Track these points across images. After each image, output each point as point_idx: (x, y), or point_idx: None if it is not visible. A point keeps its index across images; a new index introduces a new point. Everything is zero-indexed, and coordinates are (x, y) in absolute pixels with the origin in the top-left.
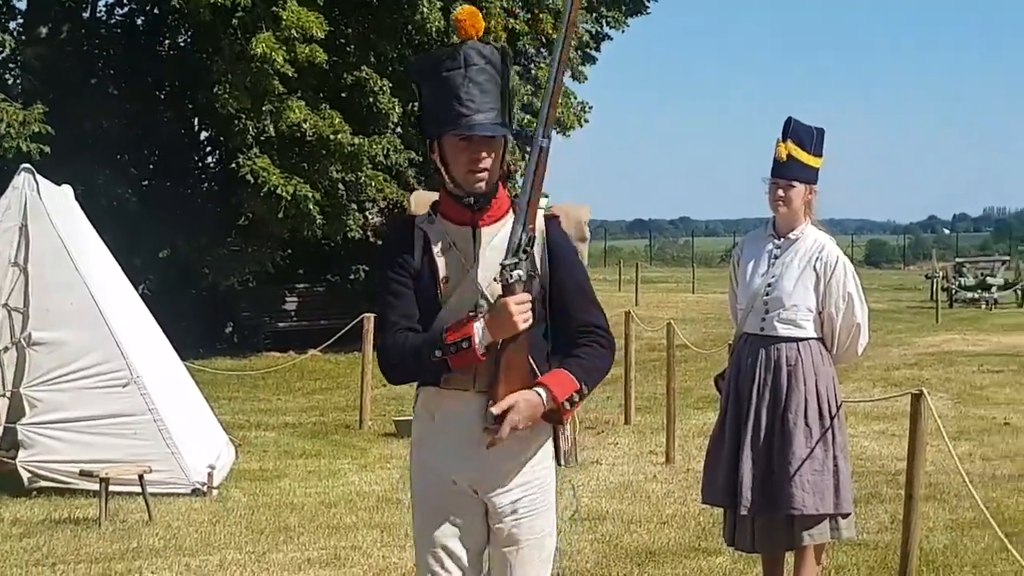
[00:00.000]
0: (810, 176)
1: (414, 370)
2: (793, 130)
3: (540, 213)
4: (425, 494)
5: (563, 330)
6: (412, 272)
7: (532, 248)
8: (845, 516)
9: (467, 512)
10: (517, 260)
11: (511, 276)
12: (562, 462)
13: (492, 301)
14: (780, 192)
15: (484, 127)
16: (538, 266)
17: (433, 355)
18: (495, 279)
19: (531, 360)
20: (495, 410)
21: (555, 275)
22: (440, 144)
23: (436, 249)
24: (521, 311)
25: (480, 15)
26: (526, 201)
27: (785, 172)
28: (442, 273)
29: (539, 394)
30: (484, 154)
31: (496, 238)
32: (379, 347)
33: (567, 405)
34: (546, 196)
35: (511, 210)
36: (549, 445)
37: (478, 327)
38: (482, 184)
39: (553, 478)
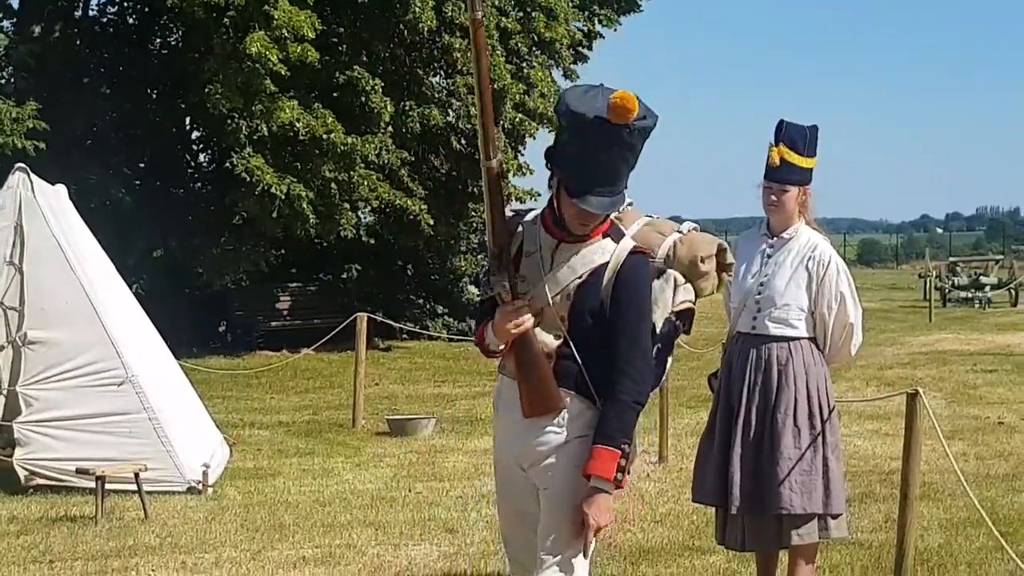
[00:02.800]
0: (804, 178)
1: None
2: (786, 133)
3: (627, 243)
4: (497, 470)
5: (606, 359)
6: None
7: (506, 260)
8: (836, 516)
9: (523, 488)
10: (492, 275)
11: (491, 290)
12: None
13: (556, 311)
14: (773, 197)
15: (603, 207)
16: (602, 293)
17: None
18: (560, 294)
19: (582, 368)
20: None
21: (612, 310)
22: (559, 185)
23: (525, 249)
24: (509, 319)
25: (636, 100)
26: (489, 220)
27: (778, 176)
28: (522, 271)
29: (596, 488)
30: (589, 219)
31: (575, 258)
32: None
33: (619, 476)
34: (681, 223)
35: (606, 235)
36: (585, 444)
37: (489, 329)
38: (586, 231)
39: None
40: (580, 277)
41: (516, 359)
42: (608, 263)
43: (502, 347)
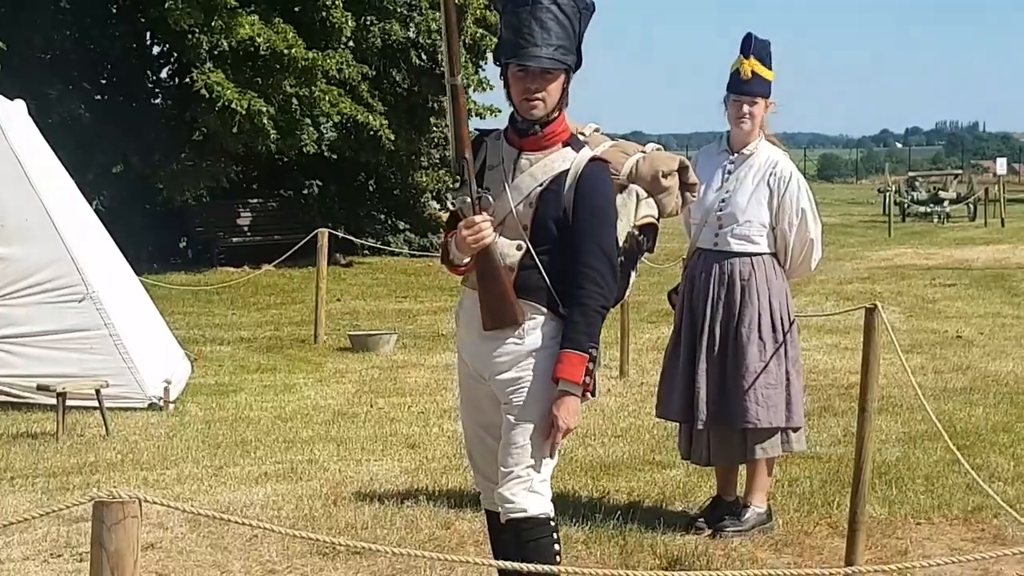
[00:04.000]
0: (768, 90)
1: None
2: (755, 46)
3: (587, 151)
4: (460, 383)
5: (570, 267)
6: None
7: (467, 176)
8: (796, 430)
9: (485, 400)
10: (454, 191)
11: (454, 204)
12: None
13: (519, 220)
14: (745, 108)
15: (539, 60)
16: (564, 200)
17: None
18: (523, 202)
19: (545, 277)
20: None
21: (574, 216)
22: (506, 72)
23: (488, 163)
24: (471, 234)
25: None
26: (453, 136)
27: (750, 89)
28: (485, 184)
29: (564, 391)
30: (537, 85)
31: (535, 166)
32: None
33: (587, 380)
34: (645, 145)
35: (566, 144)
36: (546, 355)
37: (453, 243)
38: (536, 112)
39: (547, 385)
40: (542, 184)
41: (477, 273)
42: (569, 170)
43: (467, 262)
